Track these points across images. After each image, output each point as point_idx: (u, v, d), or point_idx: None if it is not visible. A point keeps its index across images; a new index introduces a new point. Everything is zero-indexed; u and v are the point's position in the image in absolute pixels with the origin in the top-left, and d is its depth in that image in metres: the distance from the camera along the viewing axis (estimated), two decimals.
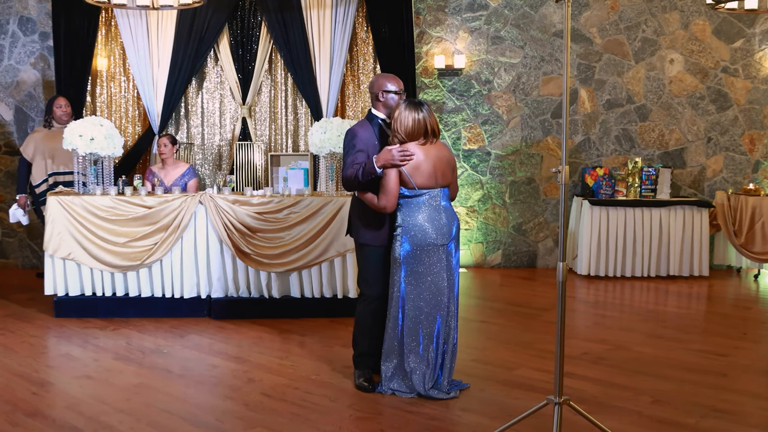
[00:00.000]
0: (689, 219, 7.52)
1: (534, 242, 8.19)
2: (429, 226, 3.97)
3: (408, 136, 3.95)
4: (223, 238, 5.71)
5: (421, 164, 3.94)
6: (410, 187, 3.95)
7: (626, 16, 7.98)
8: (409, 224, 3.99)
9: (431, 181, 3.98)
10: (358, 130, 4.14)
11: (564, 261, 3.33)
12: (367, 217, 4.14)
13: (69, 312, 5.80)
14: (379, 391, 4.12)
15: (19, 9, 7.64)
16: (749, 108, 8.09)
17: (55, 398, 4.07)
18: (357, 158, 4.03)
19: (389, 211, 3.98)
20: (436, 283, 4.02)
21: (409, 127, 3.94)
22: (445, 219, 4.02)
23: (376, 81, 4.20)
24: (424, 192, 3.98)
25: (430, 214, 3.99)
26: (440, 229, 3.99)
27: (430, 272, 4.01)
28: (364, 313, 4.24)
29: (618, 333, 5.48)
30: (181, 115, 7.75)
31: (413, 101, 3.99)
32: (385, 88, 4.15)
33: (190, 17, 7.27)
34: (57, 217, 5.70)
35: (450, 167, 4.07)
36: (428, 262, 4.00)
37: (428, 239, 3.97)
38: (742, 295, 7.00)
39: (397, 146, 3.91)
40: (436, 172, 3.98)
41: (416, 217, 3.98)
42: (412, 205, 4.00)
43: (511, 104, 8.01)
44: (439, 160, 3.99)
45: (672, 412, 3.87)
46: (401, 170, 3.93)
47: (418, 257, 3.99)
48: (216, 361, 4.72)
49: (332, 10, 7.42)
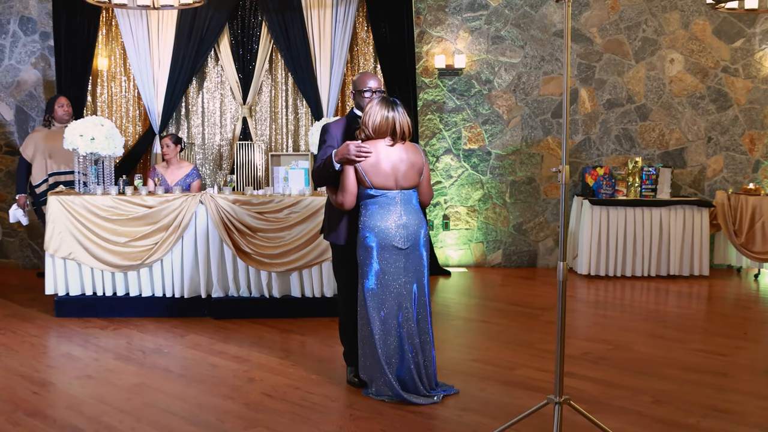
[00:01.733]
0: (689, 219, 7.52)
1: (534, 242, 8.19)
2: (384, 227, 3.88)
3: (374, 133, 3.88)
4: (224, 238, 5.71)
5: (379, 163, 3.86)
6: (366, 186, 3.89)
7: (626, 15, 7.98)
8: (365, 225, 3.92)
9: (389, 182, 3.89)
10: (331, 126, 4.15)
11: (564, 261, 3.33)
12: (331, 215, 4.14)
13: (70, 312, 5.80)
14: (364, 393, 4.10)
15: (20, 9, 7.65)
16: (749, 108, 8.09)
17: (55, 398, 4.07)
18: (325, 153, 4.02)
19: (346, 207, 3.92)
20: (395, 287, 3.92)
21: (376, 123, 3.87)
22: (404, 222, 3.90)
23: (356, 78, 4.21)
24: (380, 193, 3.90)
25: (387, 216, 3.89)
26: (396, 233, 3.89)
27: (389, 275, 3.91)
28: (341, 312, 4.29)
29: (618, 333, 5.48)
30: (181, 114, 7.75)
31: (387, 99, 3.92)
32: (361, 86, 4.14)
33: (190, 17, 7.28)
34: (58, 217, 5.70)
35: (414, 170, 3.94)
36: (385, 265, 3.91)
37: (384, 241, 3.88)
38: (742, 294, 7.00)
39: (356, 141, 3.86)
40: (396, 174, 3.89)
41: (373, 217, 3.91)
42: (369, 204, 3.93)
43: (511, 104, 8.01)
44: (401, 162, 3.90)
45: (672, 412, 3.88)
46: (357, 167, 3.86)
47: (376, 259, 3.91)
48: (216, 361, 4.73)
49: (333, 10, 7.43)
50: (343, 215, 4.05)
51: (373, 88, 4.12)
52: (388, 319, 3.93)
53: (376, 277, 3.92)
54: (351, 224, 4.06)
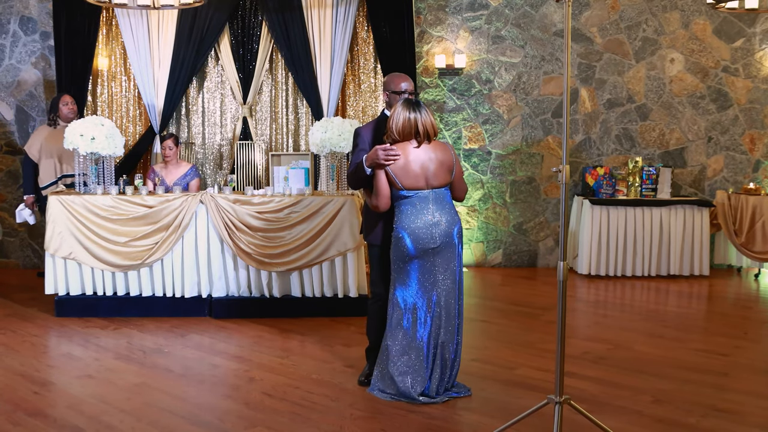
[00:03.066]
0: (690, 218, 7.52)
1: (534, 242, 8.19)
2: (416, 228, 3.92)
3: (399, 136, 3.93)
4: (224, 238, 5.71)
5: (408, 165, 3.91)
6: (397, 188, 3.94)
7: (627, 15, 7.98)
8: (399, 225, 3.97)
9: (419, 183, 3.94)
10: (362, 129, 4.22)
11: (564, 260, 3.33)
12: (369, 217, 4.20)
13: (70, 311, 5.81)
14: (369, 390, 4.12)
15: (20, 9, 7.65)
16: (750, 107, 8.09)
17: (56, 398, 4.08)
18: (358, 157, 4.09)
19: (381, 210, 3.99)
20: (427, 287, 3.97)
21: (399, 126, 3.92)
22: (436, 221, 3.94)
23: (387, 80, 4.26)
24: (412, 194, 3.94)
25: (419, 216, 3.93)
26: (429, 232, 3.92)
27: (422, 276, 3.96)
28: (371, 311, 4.30)
29: (618, 332, 5.48)
30: (182, 114, 7.75)
31: (410, 101, 3.97)
32: (393, 88, 4.20)
33: (190, 17, 7.28)
34: (58, 217, 5.70)
35: (444, 168, 3.98)
36: (419, 265, 3.96)
37: (416, 242, 3.92)
38: (742, 294, 7.00)
39: (385, 146, 3.91)
40: (425, 173, 3.93)
41: (406, 218, 3.95)
42: (402, 206, 3.98)
43: (511, 104, 8.01)
44: (430, 161, 3.94)
45: (672, 412, 3.88)
46: (387, 170, 3.92)
47: (409, 259, 3.96)
48: (217, 361, 4.73)
49: (333, 10, 7.43)
50: (380, 216, 4.10)
51: (407, 90, 4.17)
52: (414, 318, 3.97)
53: (408, 277, 3.97)
54: (387, 224, 4.13)
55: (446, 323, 4.01)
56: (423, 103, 4.00)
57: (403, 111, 3.93)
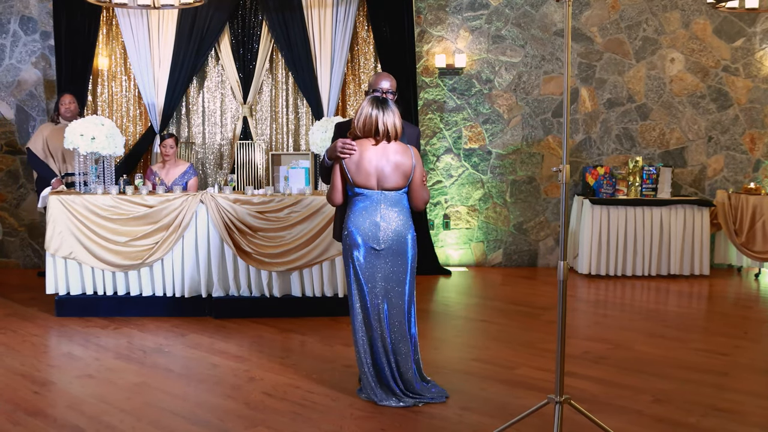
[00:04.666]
0: (690, 218, 7.52)
1: (535, 241, 8.19)
2: (361, 227, 3.87)
3: (360, 132, 3.87)
4: (224, 238, 5.71)
5: (362, 162, 3.84)
6: (349, 184, 3.90)
7: (627, 15, 7.98)
8: (347, 220, 3.93)
9: (370, 182, 3.86)
10: (341, 124, 4.26)
11: (565, 260, 3.33)
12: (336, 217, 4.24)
13: (70, 311, 5.81)
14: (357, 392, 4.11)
15: (20, 8, 7.65)
16: (750, 107, 8.09)
17: (56, 397, 4.08)
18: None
19: (333, 204, 3.99)
20: (369, 286, 3.91)
21: (360, 122, 3.86)
22: (382, 224, 3.86)
23: (372, 78, 4.30)
24: (361, 192, 3.88)
25: (366, 216, 3.87)
26: (374, 233, 3.86)
27: (365, 274, 3.90)
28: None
29: (619, 332, 5.48)
30: (182, 114, 7.75)
31: (377, 98, 3.90)
32: (374, 86, 4.22)
33: (191, 16, 7.28)
34: (58, 217, 5.70)
35: (399, 172, 3.86)
36: (362, 263, 3.90)
37: (359, 241, 3.87)
38: (742, 294, 7.00)
39: (345, 139, 3.87)
40: (378, 174, 3.85)
41: (352, 217, 3.91)
42: (351, 204, 3.94)
43: (511, 103, 8.01)
44: (386, 162, 3.84)
45: (673, 411, 3.88)
46: (342, 164, 3.87)
47: (355, 259, 3.91)
48: (217, 361, 4.73)
49: (333, 10, 7.43)
50: (342, 214, 4.08)
51: (383, 89, 4.17)
52: (365, 317, 3.95)
53: (354, 275, 3.94)
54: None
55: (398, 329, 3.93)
56: (392, 103, 3.91)
57: (366, 107, 3.86)
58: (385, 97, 4.03)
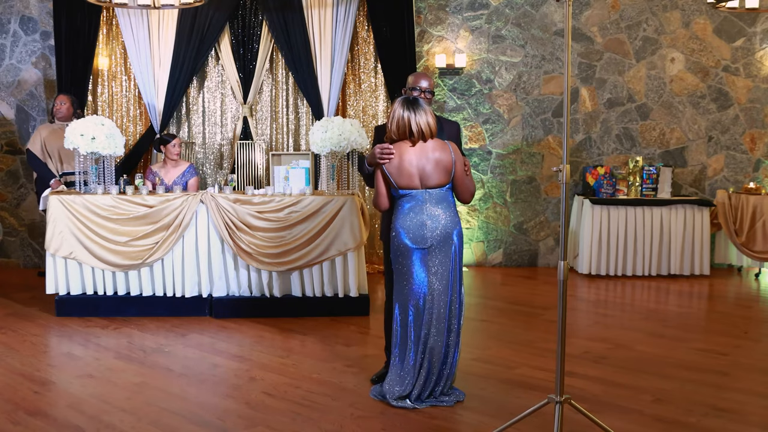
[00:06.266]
0: (690, 218, 7.52)
1: (535, 241, 8.19)
2: (408, 228, 3.88)
3: (395, 135, 3.91)
4: (225, 237, 5.71)
5: (402, 164, 3.87)
6: (393, 187, 3.92)
7: (627, 15, 7.98)
8: (395, 223, 3.95)
9: (413, 182, 3.88)
10: (379, 127, 4.28)
11: (565, 260, 3.33)
12: (384, 217, 4.25)
13: (70, 311, 5.81)
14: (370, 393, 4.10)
15: (21, 8, 7.65)
16: (750, 107, 8.09)
17: (56, 397, 4.08)
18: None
19: (380, 208, 4.02)
20: (416, 290, 3.90)
21: (394, 125, 3.90)
22: (428, 222, 3.87)
23: (410, 77, 4.30)
24: (406, 193, 3.91)
25: (411, 216, 3.88)
26: (419, 233, 3.86)
27: (412, 277, 3.90)
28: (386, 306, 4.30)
29: (619, 332, 5.48)
30: (182, 114, 7.75)
31: (407, 99, 3.91)
32: (411, 85, 4.25)
33: (191, 16, 7.28)
34: (58, 217, 5.70)
35: (440, 168, 3.87)
36: (409, 266, 3.90)
37: (406, 242, 3.89)
38: (742, 294, 7.01)
39: (383, 144, 3.91)
40: (420, 173, 3.87)
41: (399, 218, 3.92)
42: (398, 206, 3.96)
43: (512, 103, 8.01)
44: (426, 161, 3.86)
45: (673, 411, 3.88)
46: (383, 169, 3.90)
47: (400, 260, 3.93)
48: (217, 360, 4.73)
49: (333, 9, 7.43)
50: (389, 214, 4.09)
51: (422, 88, 4.21)
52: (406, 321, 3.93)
53: (399, 278, 3.95)
54: None
55: (436, 328, 3.90)
56: (422, 102, 3.93)
57: (398, 110, 3.89)
58: (422, 96, 4.11)
